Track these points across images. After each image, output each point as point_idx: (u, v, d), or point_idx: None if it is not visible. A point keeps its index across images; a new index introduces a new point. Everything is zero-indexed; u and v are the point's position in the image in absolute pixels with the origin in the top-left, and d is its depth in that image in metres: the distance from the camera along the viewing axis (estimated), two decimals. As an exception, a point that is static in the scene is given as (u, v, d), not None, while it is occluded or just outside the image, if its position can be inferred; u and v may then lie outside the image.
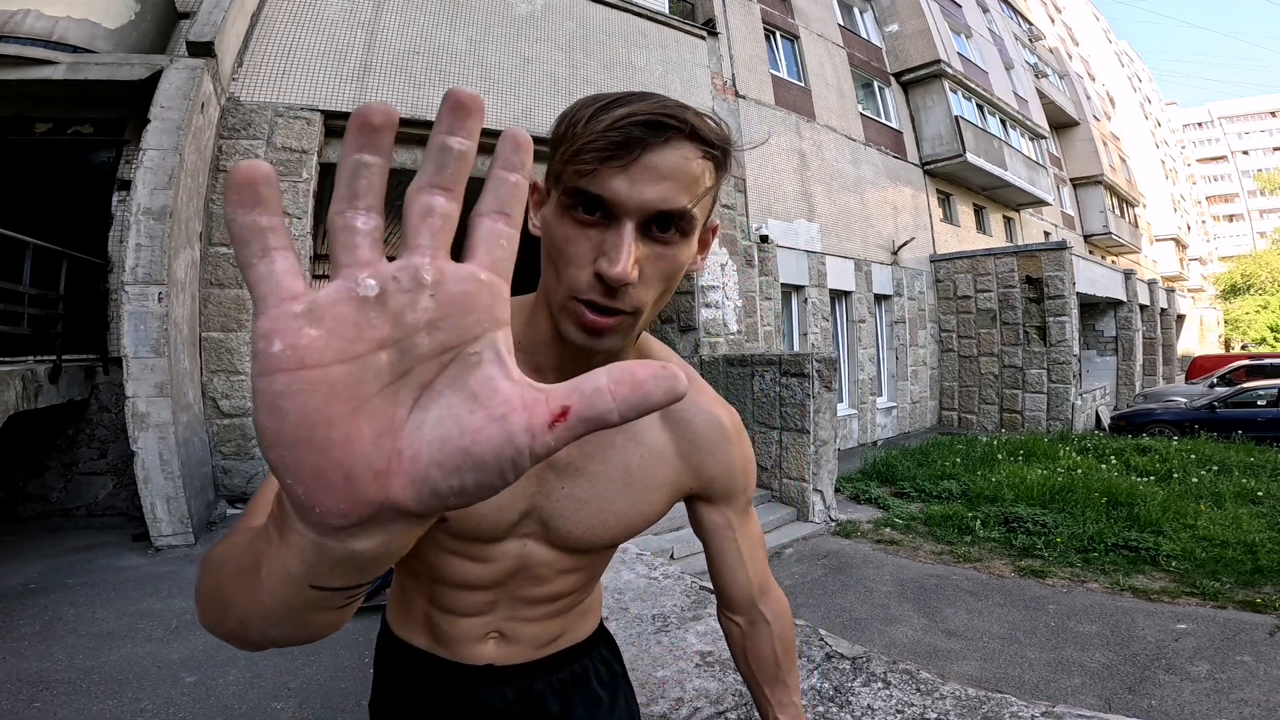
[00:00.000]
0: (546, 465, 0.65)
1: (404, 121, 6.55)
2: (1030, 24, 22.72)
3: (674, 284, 0.58)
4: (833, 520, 6.06)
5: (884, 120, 13.37)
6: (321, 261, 12.33)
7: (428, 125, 6.59)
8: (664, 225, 0.54)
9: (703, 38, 9.18)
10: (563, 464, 0.66)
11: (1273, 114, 55.40)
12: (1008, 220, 17.26)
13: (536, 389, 0.24)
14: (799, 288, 10.24)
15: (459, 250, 0.25)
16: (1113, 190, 23.68)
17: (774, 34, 11.24)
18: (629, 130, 0.52)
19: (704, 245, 0.63)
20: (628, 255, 0.52)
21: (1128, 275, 14.93)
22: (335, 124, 6.25)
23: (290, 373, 0.22)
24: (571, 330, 0.56)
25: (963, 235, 14.82)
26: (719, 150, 0.56)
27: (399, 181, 7.75)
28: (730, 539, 0.75)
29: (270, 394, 0.22)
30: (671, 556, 4.82)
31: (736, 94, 9.50)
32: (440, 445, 0.23)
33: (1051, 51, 23.36)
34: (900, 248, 12.47)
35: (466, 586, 0.69)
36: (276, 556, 0.29)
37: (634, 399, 0.23)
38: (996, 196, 16.25)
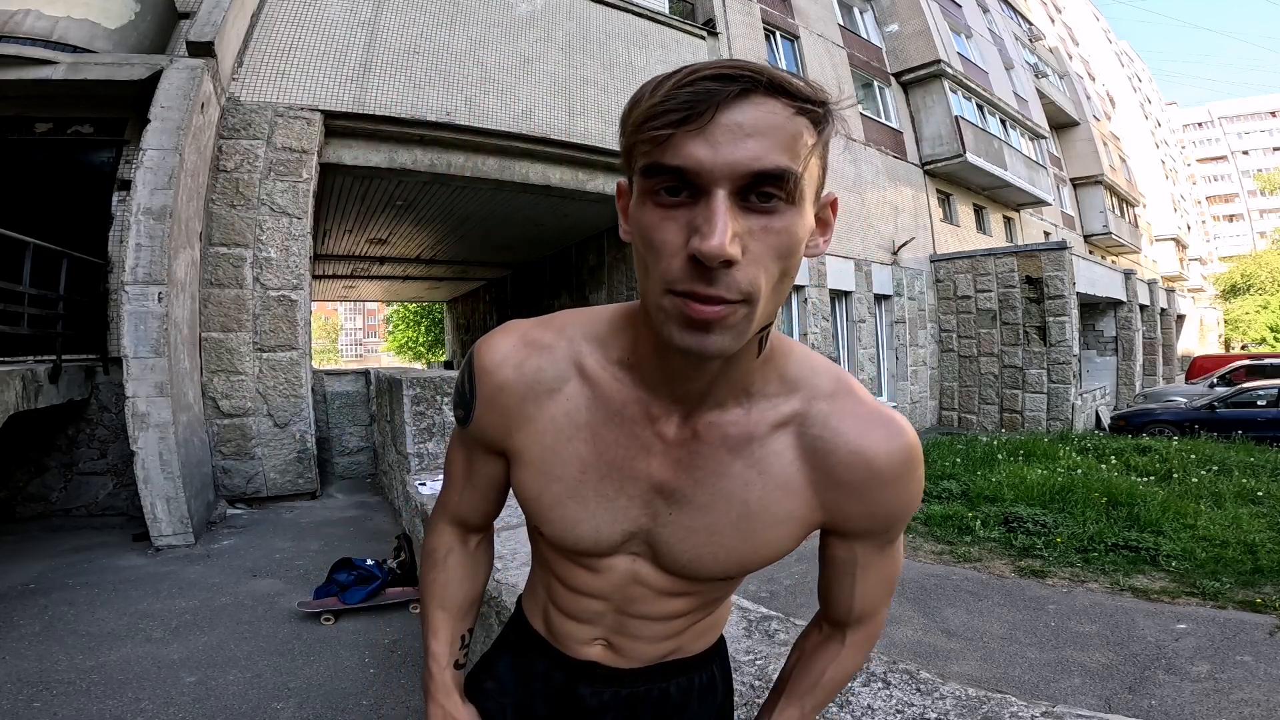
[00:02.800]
0: (655, 491, 0.61)
1: (403, 122, 6.61)
2: (1030, 24, 22.72)
3: (793, 265, 0.49)
4: (833, 520, 6.04)
5: (884, 120, 13.37)
6: (321, 261, 12.35)
7: (428, 125, 6.65)
8: (764, 192, 0.45)
9: (703, 38, 9.19)
10: (670, 489, 0.61)
11: (1273, 114, 55.39)
12: (1008, 220, 17.27)
13: None
14: (799, 288, 10.24)
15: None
16: (1113, 190, 23.68)
17: (774, 34, 11.25)
18: (697, 87, 0.44)
19: (824, 224, 0.53)
20: (723, 226, 0.43)
21: (1128, 275, 14.94)
22: (335, 124, 6.26)
23: None
24: (674, 332, 0.47)
25: (963, 235, 14.83)
26: (815, 105, 0.46)
27: (399, 181, 7.75)
28: (849, 574, 0.66)
29: None
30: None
31: (736, 94, 9.52)
32: None
33: (1051, 51, 23.36)
34: (900, 248, 12.47)
35: (579, 591, 0.69)
36: None
37: None
38: (996, 196, 16.26)
